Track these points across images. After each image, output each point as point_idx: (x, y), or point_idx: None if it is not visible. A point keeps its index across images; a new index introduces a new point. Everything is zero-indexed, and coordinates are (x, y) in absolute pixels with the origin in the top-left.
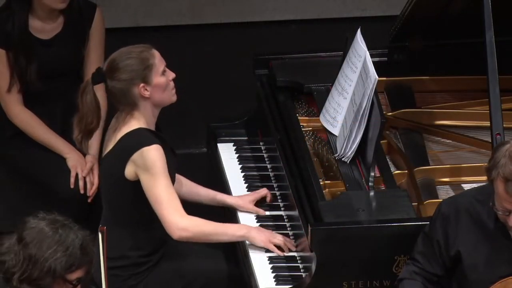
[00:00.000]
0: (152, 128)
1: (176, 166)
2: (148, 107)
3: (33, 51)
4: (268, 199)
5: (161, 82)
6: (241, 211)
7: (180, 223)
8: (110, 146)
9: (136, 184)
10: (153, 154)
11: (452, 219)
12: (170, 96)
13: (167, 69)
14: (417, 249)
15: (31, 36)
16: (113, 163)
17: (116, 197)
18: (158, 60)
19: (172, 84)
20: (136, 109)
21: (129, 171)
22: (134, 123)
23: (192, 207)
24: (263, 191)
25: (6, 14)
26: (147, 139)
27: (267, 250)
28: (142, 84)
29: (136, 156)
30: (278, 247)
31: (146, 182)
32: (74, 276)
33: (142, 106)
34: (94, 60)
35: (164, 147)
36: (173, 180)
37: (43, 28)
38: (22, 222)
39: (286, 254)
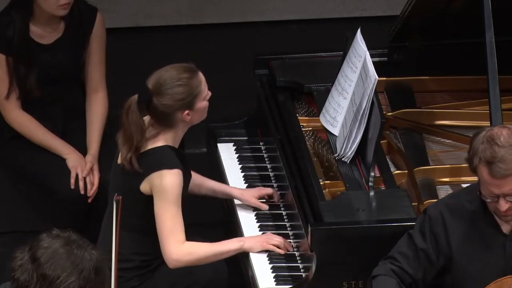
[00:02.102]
0: (177, 145)
1: (189, 179)
2: (183, 128)
3: (33, 57)
4: (276, 199)
5: (203, 106)
6: (240, 210)
7: (175, 254)
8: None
9: (149, 198)
10: (172, 179)
11: (439, 219)
12: (204, 115)
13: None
14: (398, 249)
15: (32, 42)
16: (131, 174)
17: (126, 204)
18: (203, 85)
19: (207, 103)
20: (170, 129)
21: (145, 186)
22: (162, 141)
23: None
24: (269, 190)
25: (6, 19)
26: (171, 161)
27: (267, 250)
28: (187, 111)
29: (155, 176)
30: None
31: (157, 205)
32: None
33: (178, 128)
34: (95, 63)
35: (184, 167)
36: (184, 195)
37: (44, 33)
38: (36, 240)
39: (283, 252)
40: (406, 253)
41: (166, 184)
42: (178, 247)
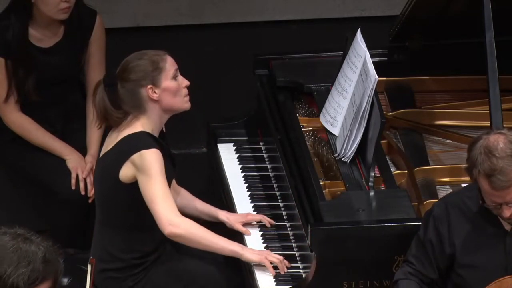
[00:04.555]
0: (156, 134)
1: (173, 176)
2: (156, 112)
3: (32, 60)
4: (266, 223)
5: (171, 86)
6: (240, 210)
7: (173, 219)
8: (109, 146)
9: (130, 187)
10: (151, 156)
11: (444, 218)
12: (182, 102)
13: (180, 76)
14: (411, 253)
15: (31, 45)
16: (110, 163)
17: (109, 199)
18: (169, 65)
19: (185, 91)
20: (143, 112)
21: (125, 172)
22: (138, 127)
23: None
24: (257, 217)
25: (5, 22)
26: (147, 142)
27: (268, 249)
28: (150, 86)
29: (135, 157)
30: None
31: (143, 183)
32: None
33: (150, 110)
34: (95, 65)
35: (164, 154)
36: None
37: (43, 36)
38: None
39: (273, 274)
40: (418, 255)
41: (148, 161)
42: (176, 214)
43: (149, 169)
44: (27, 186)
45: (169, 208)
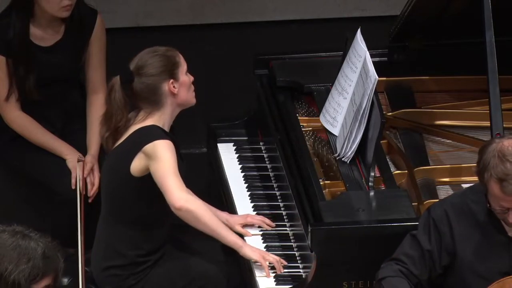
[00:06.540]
0: (167, 129)
1: (183, 172)
2: (170, 107)
3: (32, 59)
4: (265, 224)
5: (187, 81)
6: (240, 210)
7: (185, 195)
8: (119, 140)
9: (140, 181)
10: (164, 146)
11: (445, 221)
12: (192, 97)
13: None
14: (402, 251)
15: (31, 44)
16: (121, 156)
17: (118, 193)
18: (182, 60)
19: (192, 86)
20: (158, 108)
21: (137, 164)
22: (149, 121)
23: None
24: (256, 220)
25: (6, 21)
26: (160, 134)
27: (268, 249)
28: (171, 80)
29: (147, 147)
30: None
31: (155, 167)
32: (41, 285)
33: (166, 105)
34: (95, 65)
35: (176, 147)
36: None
37: (44, 35)
38: None
39: (278, 272)
40: (411, 255)
41: (161, 149)
42: (187, 191)
43: (161, 156)
44: (27, 186)
45: (180, 186)
